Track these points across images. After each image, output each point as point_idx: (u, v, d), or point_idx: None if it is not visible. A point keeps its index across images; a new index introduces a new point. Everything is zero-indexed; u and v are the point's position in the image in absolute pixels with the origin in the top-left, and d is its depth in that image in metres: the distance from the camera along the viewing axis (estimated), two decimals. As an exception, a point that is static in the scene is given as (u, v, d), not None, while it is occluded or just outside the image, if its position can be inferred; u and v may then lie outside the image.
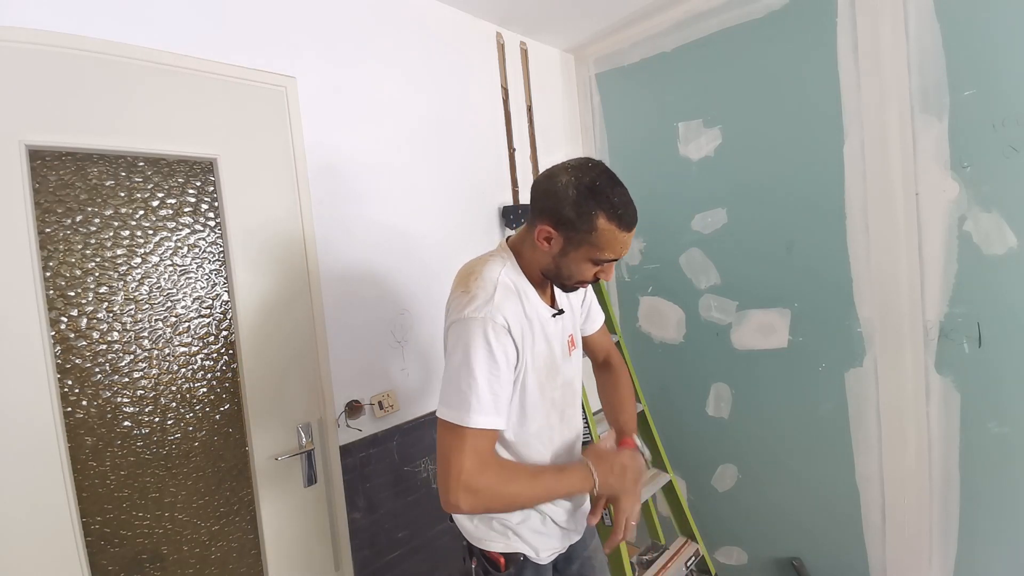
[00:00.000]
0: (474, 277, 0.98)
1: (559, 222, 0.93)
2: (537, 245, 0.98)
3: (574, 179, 0.91)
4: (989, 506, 1.58)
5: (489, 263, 1.01)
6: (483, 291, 0.94)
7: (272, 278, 1.45)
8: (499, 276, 0.98)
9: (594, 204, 0.90)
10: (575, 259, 0.96)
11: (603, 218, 0.90)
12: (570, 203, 0.90)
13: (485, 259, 1.04)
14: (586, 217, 0.90)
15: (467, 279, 0.98)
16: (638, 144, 2.29)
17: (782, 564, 2.04)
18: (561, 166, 0.96)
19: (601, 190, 0.90)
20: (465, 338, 0.90)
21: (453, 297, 0.99)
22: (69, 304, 1.16)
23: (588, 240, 0.92)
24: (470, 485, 0.86)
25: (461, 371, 0.89)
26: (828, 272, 1.80)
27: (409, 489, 1.73)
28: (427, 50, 1.88)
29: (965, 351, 1.57)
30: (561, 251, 0.96)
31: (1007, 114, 1.44)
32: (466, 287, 0.97)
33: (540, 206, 0.96)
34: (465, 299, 0.94)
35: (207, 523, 1.35)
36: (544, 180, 0.96)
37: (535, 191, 0.98)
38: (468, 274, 1.00)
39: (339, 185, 1.61)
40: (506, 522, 1.07)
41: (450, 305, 0.99)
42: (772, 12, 1.83)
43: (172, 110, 1.29)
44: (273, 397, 1.44)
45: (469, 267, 1.03)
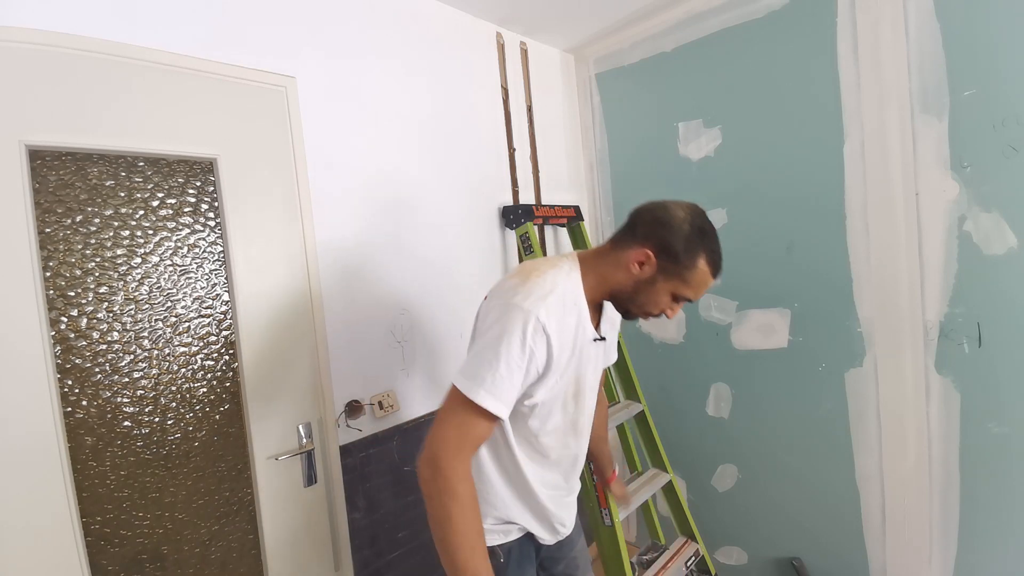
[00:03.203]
0: (537, 274, 0.98)
1: (663, 251, 0.96)
2: (625, 265, 0.99)
3: (689, 217, 0.97)
4: (989, 506, 1.58)
5: (557, 267, 1.01)
6: (540, 289, 0.94)
7: (272, 278, 1.45)
8: (561, 283, 0.98)
9: (701, 245, 0.95)
10: (660, 289, 0.99)
11: (703, 260, 0.96)
12: (682, 237, 0.95)
13: (553, 262, 1.03)
14: (691, 254, 0.95)
15: (528, 273, 0.98)
16: (638, 144, 2.29)
17: (782, 564, 2.04)
18: (674, 202, 1.00)
19: (709, 235, 0.97)
20: (504, 321, 0.91)
21: (507, 283, 0.99)
22: (69, 304, 1.16)
23: (682, 275, 0.96)
24: (437, 460, 0.87)
25: (488, 350, 0.90)
26: (828, 272, 1.80)
27: (409, 489, 1.73)
28: (427, 50, 1.88)
29: (965, 351, 1.57)
30: (650, 278, 0.98)
31: (1007, 114, 1.44)
32: (524, 278, 0.97)
33: (647, 231, 0.98)
34: (520, 288, 0.95)
35: (207, 523, 1.35)
36: (658, 209, 0.99)
37: (643, 216, 1.00)
38: (531, 270, 0.99)
39: (339, 185, 1.61)
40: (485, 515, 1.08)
41: (500, 288, 0.99)
42: (772, 12, 1.83)
43: (172, 110, 1.29)
44: (273, 397, 1.44)
45: (534, 264, 1.03)
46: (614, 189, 2.41)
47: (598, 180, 2.46)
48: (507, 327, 0.90)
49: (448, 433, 0.89)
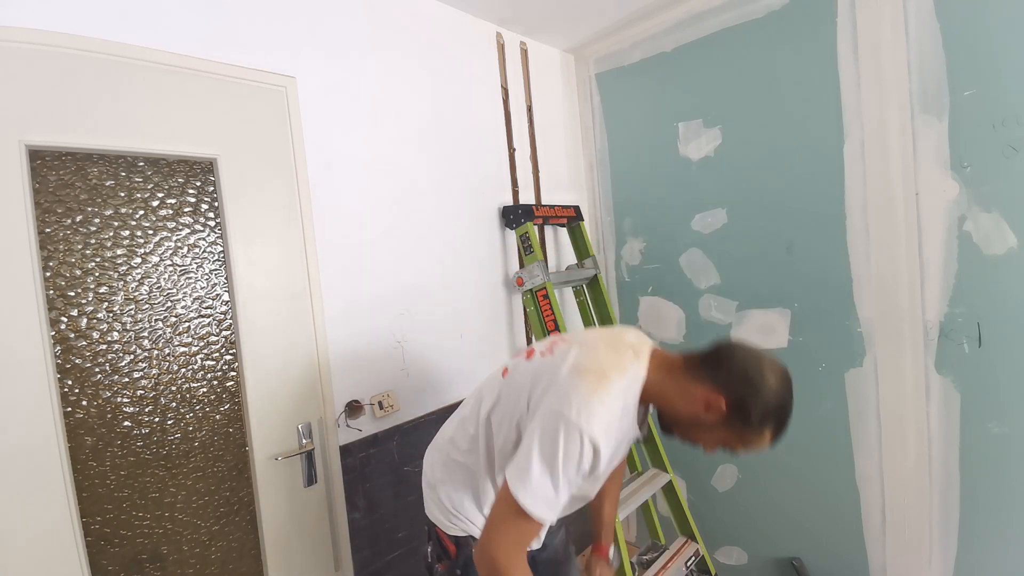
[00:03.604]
0: (605, 385, 0.92)
1: (738, 409, 0.91)
2: (691, 398, 0.94)
3: (778, 387, 0.92)
4: (989, 506, 1.58)
5: (626, 374, 0.95)
6: (606, 410, 0.90)
7: (272, 278, 1.45)
8: (623, 398, 0.94)
9: (775, 421, 0.93)
10: (715, 435, 0.96)
11: (770, 433, 0.94)
12: (761, 407, 0.91)
13: (625, 364, 0.96)
14: (764, 424, 0.92)
15: (598, 380, 0.92)
16: (638, 144, 2.29)
17: (782, 564, 2.04)
18: (770, 363, 0.94)
19: (787, 412, 0.93)
20: (565, 438, 0.88)
21: (574, 384, 0.92)
22: (69, 304, 1.16)
23: (744, 436, 0.94)
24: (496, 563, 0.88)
25: (545, 459, 0.88)
26: (828, 272, 1.80)
27: (409, 489, 1.73)
28: (427, 50, 1.88)
29: (965, 351, 1.57)
30: (710, 423, 0.94)
31: (1007, 114, 1.44)
32: (594, 388, 0.91)
33: (730, 381, 0.92)
34: (586, 399, 0.90)
35: (207, 523, 1.35)
36: (750, 363, 0.93)
37: (733, 364, 0.93)
38: (601, 375, 0.93)
39: (339, 185, 1.61)
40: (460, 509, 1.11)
41: (563, 384, 0.93)
42: (772, 12, 1.83)
43: (172, 110, 1.29)
44: (273, 397, 1.44)
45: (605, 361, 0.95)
46: (614, 189, 2.40)
47: (598, 180, 2.46)
48: (569, 451, 0.87)
49: (507, 539, 0.89)
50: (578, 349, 0.99)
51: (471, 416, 1.12)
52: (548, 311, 1.93)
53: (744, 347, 0.97)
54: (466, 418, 1.14)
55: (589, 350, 0.99)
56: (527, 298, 2.00)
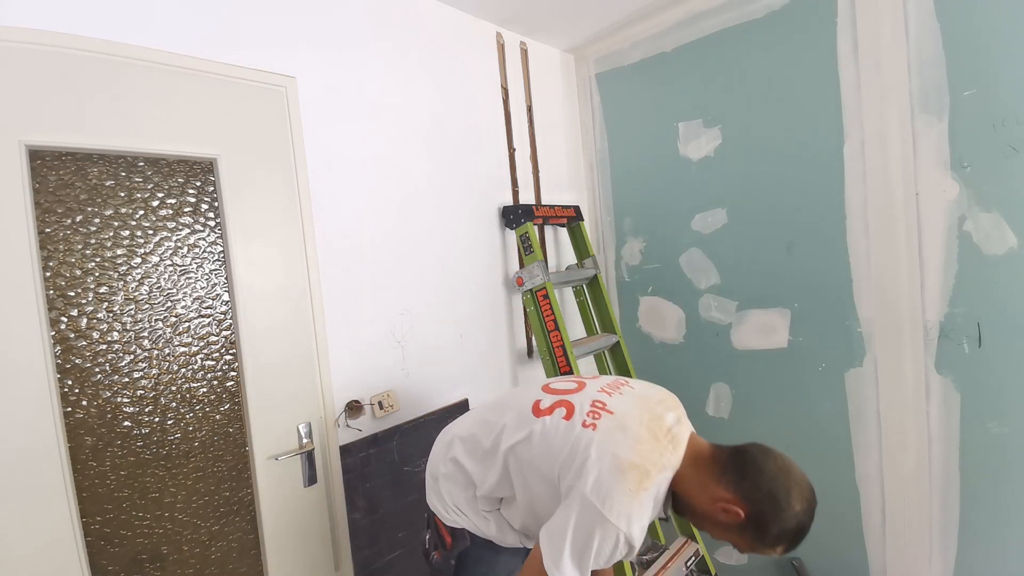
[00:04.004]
0: (647, 484, 0.92)
1: (755, 524, 0.91)
2: (711, 497, 0.94)
3: (802, 514, 0.90)
4: (989, 506, 1.58)
5: (665, 470, 0.96)
6: (645, 512, 0.92)
7: (272, 278, 1.45)
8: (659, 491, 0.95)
9: (790, 542, 0.92)
10: (725, 535, 0.96)
11: (782, 549, 0.93)
12: (779, 529, 0.90)
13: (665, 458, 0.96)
14: (777, 543, 0.92)
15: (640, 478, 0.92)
16: (638, 144, 2.29)
17: (782, 564, 2.04)
18: (799, 486, 0.92)
19: (803, 535, 0.92)
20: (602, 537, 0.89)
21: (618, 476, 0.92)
22: (69, 304, 1.16)
23: (753, 545, 0.94)
24: None
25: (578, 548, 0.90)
26: (828, 272, 1.80)
27: (409, 489, 1.73)
28: (427, 50, 1.88)
29: (965, 351, 1.57)
30: (724, 524, 0.94)
31: (1007, 114, 1.45)
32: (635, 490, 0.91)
33: (753, 496, 0.91)
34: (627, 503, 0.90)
35: (207, 523, 1.35)
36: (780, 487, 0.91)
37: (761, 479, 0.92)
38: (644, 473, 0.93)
39: (339, 185, 1.61)
40: (457, 504, 1.13)
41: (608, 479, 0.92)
42: (772, 12, 1.83)
43: (172, 110, 1.29)
44: (273, 397, 1.44)
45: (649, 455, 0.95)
46: (614, 189, 2.40)
47: (598, 180, 2.46)
48: (603, 547, 0.89)
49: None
50: (623, 436, 0.97)
51: (488, 434, 1.11)
52: (548, 311, 1.93)
53: (775, 460, 0.94)
54: (481, 433, 1.13)
55: (633, 440, 0.97)
56: (527, 298, 2.00)
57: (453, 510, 1.14)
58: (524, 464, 1.03)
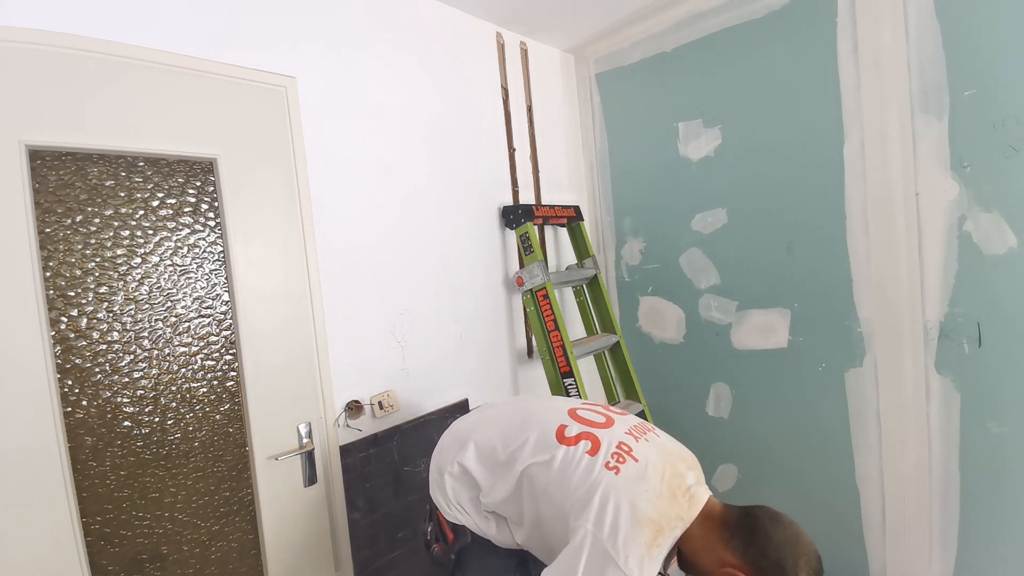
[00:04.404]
0: (659, 541, 0.91)
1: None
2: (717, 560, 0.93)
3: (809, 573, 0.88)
4: (989, 506, 1.58)
5: (677, 529, 0.95)
6: (655, 565, 0.90)
7: (272, 278, 1.45)
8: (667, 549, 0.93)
9: None
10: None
11: None
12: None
13: (679, 518, 0.95)
14: None
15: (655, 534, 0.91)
16: (638, 144, 2.29)
17: (782, 564, 2.03)
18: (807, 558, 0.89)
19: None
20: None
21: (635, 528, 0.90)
22: (69, 304, 1.16)
23: None
24: None
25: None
26: (828, 272, 1.80)
27: (409, 489, 1.73)
28: (427, 50, 1.88)
29: (965, 351, 1.57)
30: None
31: (1007, 114, 1.44)
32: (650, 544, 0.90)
33: (759, 564, 0.89)
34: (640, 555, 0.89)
35: (207, 523, 1.35)
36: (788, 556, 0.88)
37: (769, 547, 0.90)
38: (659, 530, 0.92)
39: (339, 185, 1.61)
40: (460, 502, 1.13)
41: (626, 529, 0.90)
42: (772, 12, 1.83)
43: (172, 110, 1.29)
44: (273, 397, 1.44)
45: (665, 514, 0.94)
46: (614, 189, 2.40)
47: (598, 180, 2.46)
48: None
49: None
50: (644, 488, 0.96)
51: (506, 447, 1.10)
52: (548, 311, 1.93)
53: (784, 528, 0.93)
54: (499, 444, 1.12)
55: (655, 495, 0.96)
56: (527, 298, 2.00)
57: (455, 507, 1.14)
58: (538, 489, 1.02)
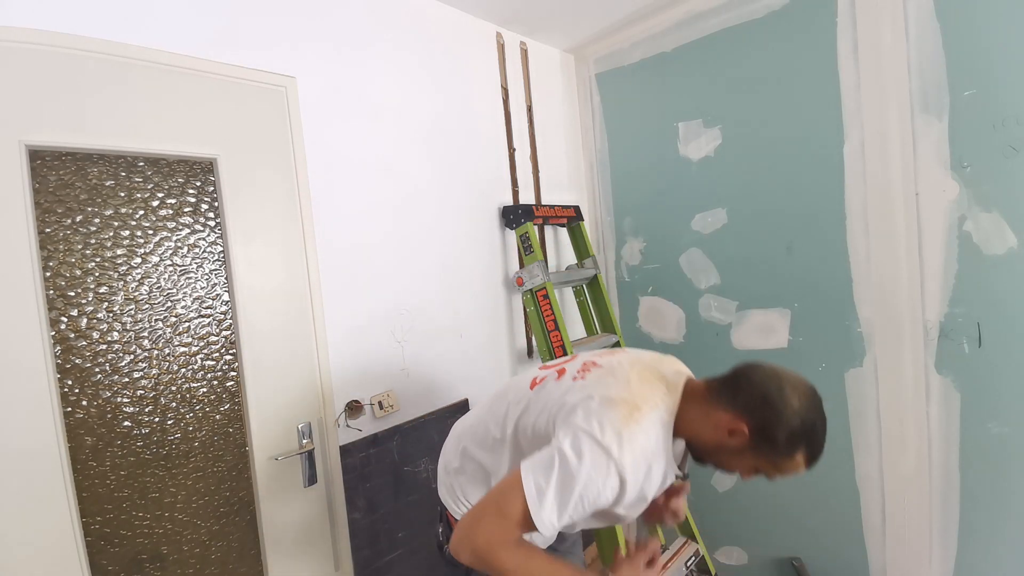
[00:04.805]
0: (637, 417, 0.90)
1: (761, 434, 0.88)
2: (714, 425, 0.92)
3: (803, 410, 0.87)
4: (989, 506, 1.58)
5: (658, 409, 0.93)
6: (637, 444, 0.88)
7: (272, 278, 1.45)
8: (657, 434, 0.91)
9: (805, 443, 0.88)
10: (743, 461, 0.93)
11: (803, 455, 0.89)
12: (786, 430, 0.86)
13: (657, 399, 0.94)
14: (792, 448, 0.88)
15: (630, 411, 0.90)
16: (638, 144, 2.29)
17: (782, 564, 2.04)
18: (792, 384, 0.89)
19: (817, 433, 0.89)
20: (590, 460, 0.86)
21: (606, 411, 0.90)
22: (69, 304, 1.16)
23: (775, 462, 0.90)
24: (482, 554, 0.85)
25: (563, 478, 0.85)
26: (828, 272, 1.80)
27: (409, 489, 1.73)
28: (427, 50, 1.88)
29: (965, 351, 1.57)
30: (737, 449, 0.91)
31: (1007, 114, 1.44)
32: (624, 421, 0.89)
33: (749, 405, 0.89)
34: (617, 429, 0.88)
35: (207, 523, 1.35)
36: (770, 385, 0.89)
37: (752, 388, 0.90)
38: (634, 407, 0.91)
39: (339, 185, 1.61)
40: (469, 499, 1.12)
41: (595, 410, 0.90)
42: (772, 12, 1.83)
43: (172, 110, 1.29)
44: (273, 397, 1.44)
45: (639, 394, 0.93)
46: (614, 189, 2.40)
47: (598, 180, 2.46)
48: (593, 475, 0.85)
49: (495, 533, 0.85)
50: (612, 380, 0.97)
51: (496, 421, 1.11)
52: (548, 311, 1.93)
53: (764, 368, 0.93)
54: (490, 420, 1.13)
55: (622, 382, 0.96)
56: (527, 298, 2.00)
57: (464, 504, 1.14)
58: (528, 434, 1.02)
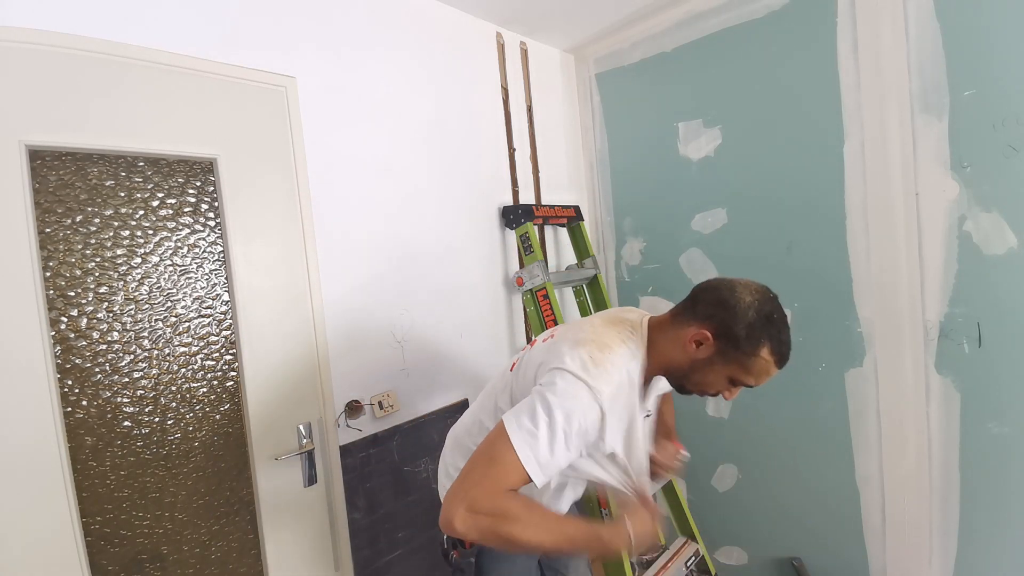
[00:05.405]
0: (608, 353, 0.93)
1: (724, 335, 0.91)
2: (682, 342, 0.96)
3: (757, 303, 0.91)
4: (989, 506, 1.58)
5: (627, 343, 0.97)
6: (607, 374, 0.91)
7: (272, 278, 1.45)
8: (627, 367, 0.95)
9: (766, 334, 0.90)
10: (717, 372, 0.95)
11: (767, 349, 0.90)
12: (744, 324, 0.90)
13: (622, 335, 0.99)
14: (754, 343, 0.90)
15: (599, 351, 0.93)
16: (638, 144, 2.29)
17: (782, 564, 2.04)
18: (744, 284, 0.94)
19: (776, 323, 0.91)
20: (571, 396, 0.88)
21: (575, 350, 0.93)
22: (69, 304, 1.16)
23: (742, 362, 0.92)
24: (476, 506, 0.83)
25: (545, 414, 0.86)
26: (828, 272, 1.80)
27: (409, 489, 1.73)
28: (427, 50, 1.88)
29: (965, 351, 1.57)
30: (707, 359, 0.94)
31: (1007, 114, 1.44)
32: (594, 355, 0.92)
33: (708, 311, 0.94)
34: (589, 363, 0.91)
35: (207, 523, 1.35)
36: (723, 289, 0.94)
37: (706, 295, 0.96)
38: (602, 346, 0.95)
39: (339, 184, 1.61)
40: None
41: (566, 352, 0.94)
42: (772, 12, 1.83)
43: (172, 110, 1.29)
44: (273, 397, 1.44)
45: (605, 335, 0.97)
46: (614, 189, 2.40)
47: (598, 180, 2.46)
48: (572, 403, 0.87)
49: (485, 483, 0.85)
50: (578, 327, 1.02)
51: (488, 413, 1.13)
52: (548, 311, 1.93)
53: (717, 279, 0.99)
54: (482, 415, 1.15)
55: (588, 327, 1.01)
56: (527, 298, 2.00)
57: None
58: None
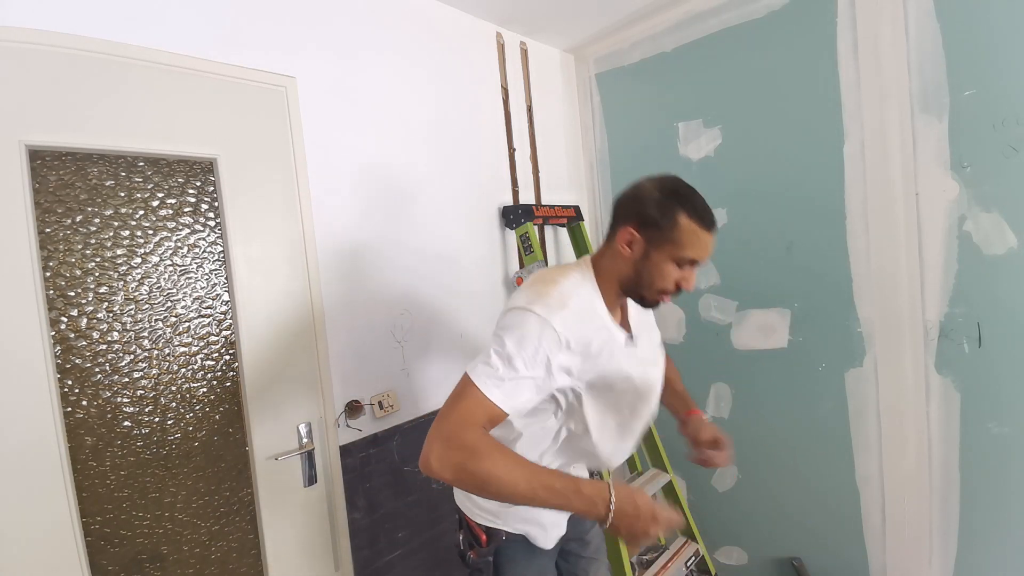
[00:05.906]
0: (552, 285, 0.95)
1: (642, 222, 0.96)
2: (619, 252, 0.99)
3: (657, 183, 0.98)
4: (989, 506, 1.58)
5: (570, 275, 0.99)
6: (555, 300, 0.92)
7: (272, 278, 1.45)
8: (574, 292, 0.95)
9: (676, 203, 0.94)
10: (657, 261, 0.96)
11: (684, 216, 0.93)
12: (653, 203, 0.95)
13: (565, 270, 1.01)
14: (669, 214, 0.94)
15: (543, 285, 0.96)
16: (638, 144, 2.29)
17: (782, 564, 2.04)
18: (643, 178, 1.01)
19: (682, 193, 0.96)
20: (519, 325, 0.89)
21: (521, 293, 0.97)
22: (69, 304, 1.16)
23: (670, 238, 0.94)
24: (450, 438, 0.81)
25: (498, 346, 0.88)
26: (828, 272, 1.80)
27: (409, 489, 1.73)
28: (427, 50, 1.88)
29: (965, 351, 1.57)
30: (643, 254, 0.97)
31: (1007, 114, 1.44)
32: (538, 290, 0.94)
33: (623, 211, 1.00)
34: (534, 296, 0.93)
35: (207, 523, 1.35)
36: (628, 189, 1.02)
37: (618, 202, 1.03)
38: (546, 282, 0.97)
39: (339, 185, 1.61)
40: (488, 505, 1.12)
41: (515, 298, 0.97)
42: (772, 12, 1.83)
43: (172, 110, 1.29)
44: (273, 397, 1.44)
45: (547, 274, 1.00)
46: (614, 189, 2.40)
47: (598, 180, 2.46)
48: (524, 332, 0.88)
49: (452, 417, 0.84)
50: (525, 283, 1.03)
51: None
52: (548, 311, 1.93)
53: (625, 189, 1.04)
54: None
55: (532, 277, 1.03)
56: (527, 298, 2.00)
57: (480, 507, 1.14)
58: None
